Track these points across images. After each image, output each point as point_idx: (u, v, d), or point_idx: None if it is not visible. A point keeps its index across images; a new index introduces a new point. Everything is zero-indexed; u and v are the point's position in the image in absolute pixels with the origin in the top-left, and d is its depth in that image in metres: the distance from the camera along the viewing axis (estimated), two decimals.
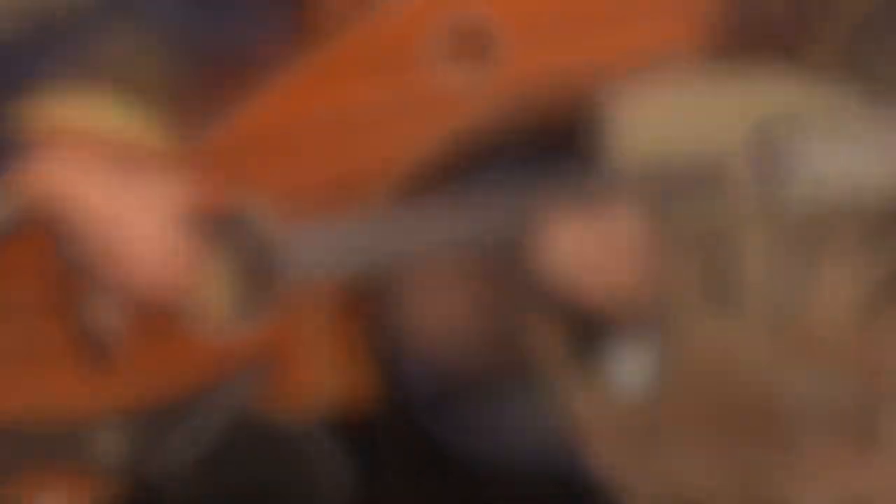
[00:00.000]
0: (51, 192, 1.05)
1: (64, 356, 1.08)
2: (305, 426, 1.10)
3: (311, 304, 1.16)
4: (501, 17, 1.00)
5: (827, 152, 0.87)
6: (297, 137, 1.17)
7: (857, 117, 0.88)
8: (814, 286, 1.45)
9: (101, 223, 1.04)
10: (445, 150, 1.10)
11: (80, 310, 1.04)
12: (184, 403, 1.12)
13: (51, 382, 1.10)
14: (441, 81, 1.04)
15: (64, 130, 1.17)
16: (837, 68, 1.38)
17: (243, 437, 1.19)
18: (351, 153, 1.14)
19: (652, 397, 1.06)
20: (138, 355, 1.10)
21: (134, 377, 1.13)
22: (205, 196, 1.20)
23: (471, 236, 1.05)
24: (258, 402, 1.19)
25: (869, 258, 1.34)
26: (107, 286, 1.05)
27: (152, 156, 1.17)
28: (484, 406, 1.26)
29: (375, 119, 1.11)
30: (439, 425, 1.20)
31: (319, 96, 1.15)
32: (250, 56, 1.20)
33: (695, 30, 0.87)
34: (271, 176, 1.20)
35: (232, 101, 1.16)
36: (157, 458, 1.10)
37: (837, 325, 1.49)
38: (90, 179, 1.05)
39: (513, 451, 1.26)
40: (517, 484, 1.20)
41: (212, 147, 1.22)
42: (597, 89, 0.95)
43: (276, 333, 1.21)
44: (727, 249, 1.45)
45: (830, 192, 0.87)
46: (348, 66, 1.12)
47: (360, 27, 1.11)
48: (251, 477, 1.18)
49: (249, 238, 1.21)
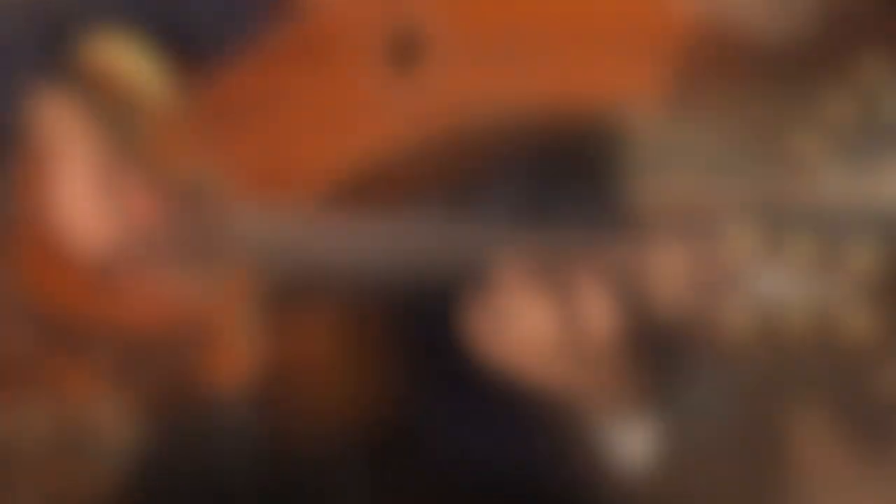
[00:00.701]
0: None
1: None
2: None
3: (244, 290, 1.16)
4: (441, 29, 0.98)
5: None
6: (240, 119, 1.17)
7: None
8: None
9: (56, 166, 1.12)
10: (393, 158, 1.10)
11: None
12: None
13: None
14: (374, 85, 1.03)
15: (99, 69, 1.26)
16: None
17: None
18: (285, 144, 1.13)
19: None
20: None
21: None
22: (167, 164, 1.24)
23: (407, 264, 0.96)
24: (184, 374, 1.22)
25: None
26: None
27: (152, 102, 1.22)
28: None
29: (307, 112, 1.10)
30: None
31: (260, 82, 1.15)
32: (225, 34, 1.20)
33: (663, 67, 0.83)
34: (221, 153, 1.21)
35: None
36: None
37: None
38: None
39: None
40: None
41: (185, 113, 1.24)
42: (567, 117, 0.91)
43: (208, 309, 1.21)
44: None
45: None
46: (289, 56, 1.12)
47: (304, 18, 1.11)
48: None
49: (201, 209, 1.22)
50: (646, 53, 0.84)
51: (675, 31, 0.84)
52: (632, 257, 0.84)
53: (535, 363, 0.99)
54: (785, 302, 0.77)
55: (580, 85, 0.89)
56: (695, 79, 0.82)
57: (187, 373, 1.24)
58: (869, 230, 0.77)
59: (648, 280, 0.86)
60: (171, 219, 1.27)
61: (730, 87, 0.81)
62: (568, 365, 0.94)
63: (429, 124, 0.98)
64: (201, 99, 1.23)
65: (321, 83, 1.08)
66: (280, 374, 1.22)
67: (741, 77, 0.81)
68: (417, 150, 1.08)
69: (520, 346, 0.90)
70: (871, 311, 0.74)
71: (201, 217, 1.24)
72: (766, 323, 0.77)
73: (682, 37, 0.83)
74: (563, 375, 0.96)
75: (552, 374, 0.96)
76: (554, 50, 0.91)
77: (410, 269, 0.96)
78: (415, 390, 1.14)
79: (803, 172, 0.76)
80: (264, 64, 1.15)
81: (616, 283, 0.85)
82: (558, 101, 0.90)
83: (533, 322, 0.89)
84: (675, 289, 0.84)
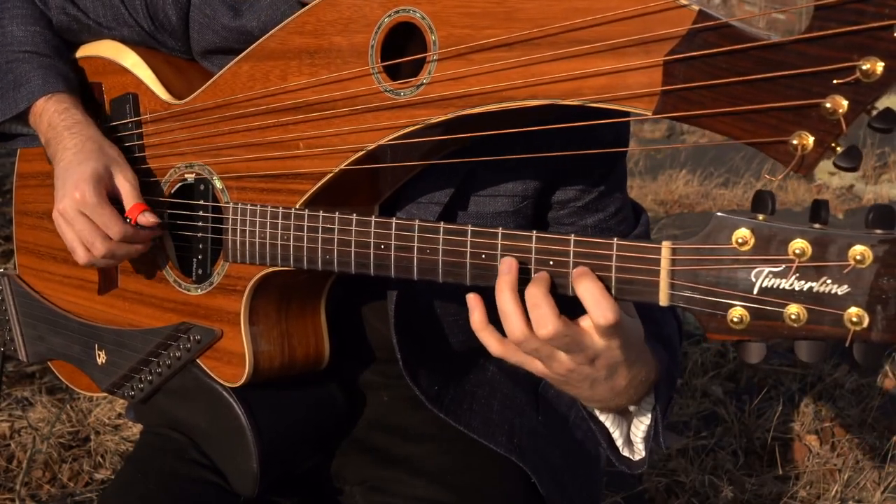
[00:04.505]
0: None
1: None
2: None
3: (249, 281, 1.18)
4: (441, 30, 0.98)
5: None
6: (243, 115, 1.18)
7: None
8: None
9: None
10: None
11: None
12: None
13: None
14: (376, 85, 1.04)
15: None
16: None
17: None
18: (283, 140, 1.14)
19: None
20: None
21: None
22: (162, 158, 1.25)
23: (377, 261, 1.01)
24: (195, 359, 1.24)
25: None
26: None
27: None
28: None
29: (309, 109, 1.10)
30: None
31: (262, 79, 1.15)
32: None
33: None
34: (224, 148, 1.21)
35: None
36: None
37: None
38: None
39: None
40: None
41: (191, 108, 1.24)
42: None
43: (216, 301, 1.23)
44: None
45: None
46: (292, 53, 1.12)
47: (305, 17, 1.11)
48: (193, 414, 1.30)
49: (202, 203, 1.23)
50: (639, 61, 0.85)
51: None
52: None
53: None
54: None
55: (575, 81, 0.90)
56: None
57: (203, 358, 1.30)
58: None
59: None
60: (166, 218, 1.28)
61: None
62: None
63: (435, 124, 1.00)
64: (210, 95, 1.23)
65: (326, 83, 1.09)
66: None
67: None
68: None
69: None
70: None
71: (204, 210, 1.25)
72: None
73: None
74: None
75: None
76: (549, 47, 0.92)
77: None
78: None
79: None
80: (267, 61, 1.17)
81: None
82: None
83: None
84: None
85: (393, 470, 1.32)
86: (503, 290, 0.94)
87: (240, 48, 1.20)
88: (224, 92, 1.20)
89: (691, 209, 5.21)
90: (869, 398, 2.79)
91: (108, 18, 1.37)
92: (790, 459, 2.52)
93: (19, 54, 1.37)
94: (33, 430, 2.36)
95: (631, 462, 1.12)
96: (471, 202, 1.20)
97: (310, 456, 1.35)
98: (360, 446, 1.36)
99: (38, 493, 2.20)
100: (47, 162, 1.36)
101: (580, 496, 1.32)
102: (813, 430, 2.64)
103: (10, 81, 1.36)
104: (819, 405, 2.77)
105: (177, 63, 1.38)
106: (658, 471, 2.40)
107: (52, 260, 1.51)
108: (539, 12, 0.92)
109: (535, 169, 1.17)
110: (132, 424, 2.40)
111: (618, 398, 1.03)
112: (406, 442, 1.34)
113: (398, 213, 1.18)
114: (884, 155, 6.12)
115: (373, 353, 1.35)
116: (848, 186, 5.74)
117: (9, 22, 1.39)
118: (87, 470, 2.28)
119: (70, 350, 1.49)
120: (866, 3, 0.75)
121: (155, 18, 1.33)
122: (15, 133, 1.44)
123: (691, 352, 2.99)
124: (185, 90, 1.29)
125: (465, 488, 1.27)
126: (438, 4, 0.98)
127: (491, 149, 1.04)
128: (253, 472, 1.22)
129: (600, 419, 1.10)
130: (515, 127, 0.98)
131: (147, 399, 1.38)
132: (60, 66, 1.38)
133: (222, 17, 1.27)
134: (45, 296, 1.54)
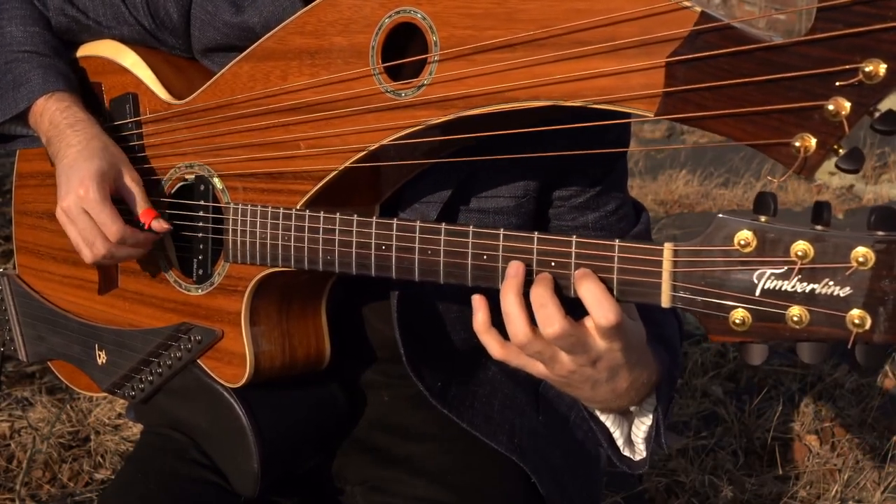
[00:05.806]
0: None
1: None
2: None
3: (250, 281, 1.18)
4: (442, 31, 0.98)
5: None
6: (243, 115, 1.17)
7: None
8: None
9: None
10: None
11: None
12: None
13: None
14: (376, 86, 1.03)
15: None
16: None
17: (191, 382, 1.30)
18: (284, 141, 1.14)
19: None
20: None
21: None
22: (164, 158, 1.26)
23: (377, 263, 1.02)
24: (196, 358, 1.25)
25: None
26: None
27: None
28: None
29: (310, 110, 1.10)
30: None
31: (263, 79, 1.15)
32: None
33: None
34: (225, 148, 1.21)
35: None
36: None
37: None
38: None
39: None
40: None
41: (191, 108, 1.24)
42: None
43: (217, 302, 1.23)
44: None
45: None
46: (293, 54, 1.11)
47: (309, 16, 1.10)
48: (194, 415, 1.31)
49: (203, 202, 1.24)
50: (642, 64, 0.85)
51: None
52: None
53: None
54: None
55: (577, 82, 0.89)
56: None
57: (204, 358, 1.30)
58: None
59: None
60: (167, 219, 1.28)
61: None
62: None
63: (437, 125, 1.00)
64: (212, 94, 1.23)
65: (327, 83, 1.09)
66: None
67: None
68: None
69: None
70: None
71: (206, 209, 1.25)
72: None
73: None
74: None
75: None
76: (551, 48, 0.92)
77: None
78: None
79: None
80: (266, 63, 1.16)
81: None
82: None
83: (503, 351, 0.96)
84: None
85: (393, 470, 1.32)
86: (509, 292, 0.94)
87: (241, 45, 1.20)
88: (224, 92, 1.20)
89: (691, 209, 5.21)
90: (869, 398, 2.79)
91: (108, 17, 1.37)
92: (790, 459, 2.52)
93: (18, 54, 1.36)
94: (33, 430, 2.36)
95: (632, 462, 1.11)
96: (472, 199, 1.20)
97: (311, 456, 1.35)
98: (361, 446, 1.36)
99: (38, 493, 2.19)
100: (47, 162, 1.36)
101: (580, 496, 1.32)
102: (813, 430, 2.64)
103: (10, 81, 1.36)
104: (819, 405, 2.76)
105: (176, 62, 1.37)
106: (658, 471, 2.40)
107: (52, 260, 1.51)
108: (540, 13, 0.91)
109: (536, 167, 1.17)
110: (132, 424, 2.40)
111: (619, 400, 1.03)
112: (407, 441, 1.34)
113: (400, 211, 1.17)
114: (884, 155, 6.12)
115: (374, 352, 1.35)
116: (848, 186, 5.74)
117: (7, 23, 1.39)
118: (87, 470, 2.28)
119: (70, 350, 1.49)
120: (869, 4, 0.75)
121: (156, 16, 1.33)
122: (14, 134, 1.44)
123: (691, 352, 2.99)
124: (185, 89, 1.29)
125: (466, 488, 1.27)
126: (439, 5, 0.98)
127: (493, 148, 1.04)
128: (254, 473, 1.22)
129: (601, 419, 1.10)
130: (517, 127, 0.98)
131: (147, 399, 1.37)
132: (60, 66, 1.37)
133: (224, 13, 1.27)
134: (44, 296, 1.53)
